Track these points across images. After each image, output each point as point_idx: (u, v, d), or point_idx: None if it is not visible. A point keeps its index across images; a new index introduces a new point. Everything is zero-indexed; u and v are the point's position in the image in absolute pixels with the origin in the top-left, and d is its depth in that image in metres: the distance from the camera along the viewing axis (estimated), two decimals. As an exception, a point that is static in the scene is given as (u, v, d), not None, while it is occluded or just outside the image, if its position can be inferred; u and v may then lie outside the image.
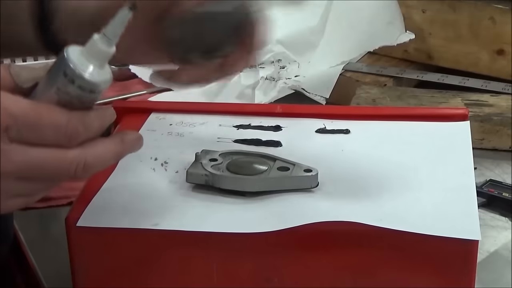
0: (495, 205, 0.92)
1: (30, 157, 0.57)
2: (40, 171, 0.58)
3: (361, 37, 1.24)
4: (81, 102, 0.58)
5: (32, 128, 0.57)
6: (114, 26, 0.58)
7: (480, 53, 1.19)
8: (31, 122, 0.57)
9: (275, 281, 0.69)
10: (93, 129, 0.59)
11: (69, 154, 0.58)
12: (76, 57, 0.57)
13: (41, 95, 0.59)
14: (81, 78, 0.57)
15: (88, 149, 0.59)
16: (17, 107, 0.56)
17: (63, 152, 0.58)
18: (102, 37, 0.58)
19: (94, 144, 0.59)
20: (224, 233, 0.67)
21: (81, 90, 0.58)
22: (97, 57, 0.58)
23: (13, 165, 0.57)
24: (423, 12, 1.22)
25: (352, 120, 0.85)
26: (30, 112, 0.57)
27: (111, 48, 0.58)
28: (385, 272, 0.68)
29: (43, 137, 0.57)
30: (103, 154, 0.60)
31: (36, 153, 0.57)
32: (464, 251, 0.67)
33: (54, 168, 0.58)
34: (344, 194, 0.72)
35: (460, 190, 0.72)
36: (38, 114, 0.57)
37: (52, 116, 0.57)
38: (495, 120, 1.05)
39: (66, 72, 0.57)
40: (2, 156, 0.56)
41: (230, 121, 0.85)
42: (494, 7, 1.16)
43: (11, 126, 0.56)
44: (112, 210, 0.70)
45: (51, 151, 0.58)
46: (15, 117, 0.56)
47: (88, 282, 0.71)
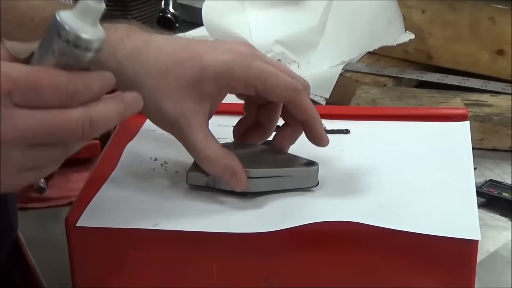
0: (495, 205, 0.92)
1: (36, 120, 0.57)
2: (47, 135, 0.58)
3: (361, 37, 1.24)
4: (78, 62, 0.59)
5: (33, 91, 0.57)
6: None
7: (480, 53, 1.19)
8: (32, 84, 0.57)
9: (275, 281, 0.69)
10: (94, 88, 0.59)
11: (74, 113, 0.58)
12: (68, 18, 0.58)
13: (39, 61, 0.59)
14: (76, 35, 0.58)
15: (92, 108, 0.59)
16: (17, 71, 0.56)
17: (68, 111, 0.58)
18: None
19: (96, 103, 0.59)
20: (224, 233, 0.67)
21: (77, 49, 0.58)
22: (88, 15, 0.59)
23: (18, 131, 0.57)
24: (423, 12, 1.22)
25: (352, 120, 0.85)
26: (30, 75, 0.57)
27: (100, 5, 0.59)
28: (385, 272, 0.68)
29: (45, 99, 0.57)
30: (107, 112, 0.60)
31: (41, 115, 0.57)
32: (464, 251, 0.67)
33: (61, 129, 0.58)
34: (344, 194, 0.72)
35: (460, 190, 0.72)
36: (38, 76, 0.57)
37: (52, 77, 0.57)
38: (495, 120, 1.05)
39: (60, 33, 0.58)
40: (7, 121, 0.56)
41: (230, 121, 0.84)
42: (494, 7, 1.16)
43: (13, 90, 0.56)
44: (112, 210, 0.70)
45: (55, 112, 0.57)
46: (16, 81, 0.56)
47: (88, 282, 0.71)
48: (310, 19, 1.26)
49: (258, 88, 0.71)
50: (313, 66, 1.23)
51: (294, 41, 1.25)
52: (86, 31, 0.58)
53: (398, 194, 0.72)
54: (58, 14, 0.58)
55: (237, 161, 0.71)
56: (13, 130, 0.56)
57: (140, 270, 0.70)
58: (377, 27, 1.22)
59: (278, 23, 1.26)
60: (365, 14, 1.24)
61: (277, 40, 1.24)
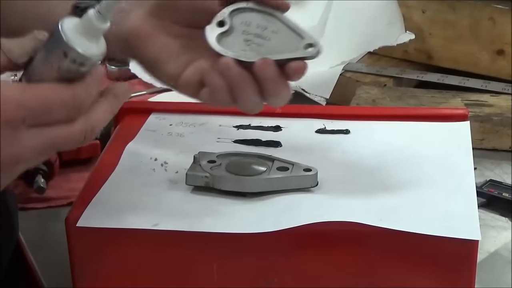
0: (495, 205, 0.92)
1: (45, 139, 0.59)
2: (55, 148, 0.61)
3: (361, 37, 1.23)
4: (79, 73, 0.60)
5: (44, 112, 0.59)
6: (109, 4, 0.59)
7: (480, 53, 1.19)
8: (43, 108, 0.59)
9: (275, 281, 0.69)
10: (94, 94, 0.61)
11: (77, 126, 0.60)
12: (70, 32, 0.58)
13: (41, 72, 0.60)
14: (84, 57, 0.59)
15: (91, 115, 0.61)
16: (28, 97, 0.58)
17: (72, 125, 0.60)
18: (97, 14, 0.59)
19: (94, 109, 0.61)
20: (224, 233, 0.67)
21: (82, 67, 0.59)
22: (91, 33, 0.59)
23: (31, 151, 0.59)
24: (423, 12, 1.22)
25: (352, 120, 0.85)
26: (41, 98, 0.58)
27: (104, 24, 0.59)
28: (385, 272, 0.68)
29: (54, 116, 0.59)
30: (104, 115, 0.62)
31: (49, 133, 0.59)
32: (464, 251, 0.67)
33: (67, 140, 0.60)
34: (344, 194, 0.72)
35: (460, 190, 0.72)
36: (48, 98, 0.59)
37: (59, 96, 0.59)
38: (495, 120, 1.05)
39: (66, 53, 0.58)
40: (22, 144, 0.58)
41: (230, 122, 0.85)
42: (494, 7, 1.16)
43: (27, 117, 0.58)
44: (112, 210, 0.70)
45: (62, 128, 0.60)
46: (29, 108, 0.58)
47: (88, 282, 0.71)
48: (310, 19, 1.26)
49: None
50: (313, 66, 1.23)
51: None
52: (91, 48, 0.59)
53: (398, 194, 0.72)
54: (61, 26, 0.58)
55: None
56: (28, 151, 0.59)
57: (140, 270, 0.70)
58: (377, 27, 1.22)
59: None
60: (365, 14, 1.24)
61: (277, 40, 1.23)
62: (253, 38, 0.69)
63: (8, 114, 0.57)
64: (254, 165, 0.74)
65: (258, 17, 0.69)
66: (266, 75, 0.67)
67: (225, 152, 0.76)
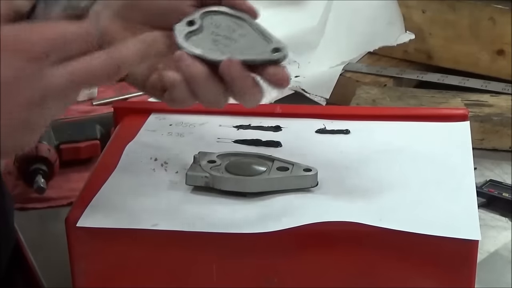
0: (495, 205, 0.92)
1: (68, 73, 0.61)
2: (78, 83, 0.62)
3: (361, 37, 1.23)
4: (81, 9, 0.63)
5: (64, 45, 0.61)
6: None
7: (480, 53, 1.19)
8: (62, 40, 0.60)
9: (275, 281, 0.69)
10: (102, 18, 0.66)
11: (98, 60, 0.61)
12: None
13: (45, 17, 0.62)
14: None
15: (115, 51, 0.63)
16: (48, 32, 0.60)
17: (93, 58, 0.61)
18: None
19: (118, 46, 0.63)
20: (224, 233, 0.67)
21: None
22: None
23: (55, 85, 0.60)
24: (423, 12, 1.22)
25: (352, 120, 0.85)
26: (58, 32, 0.60)
27: None
28: (385, 272, 0.68)
29: (73, 49, 0.61)
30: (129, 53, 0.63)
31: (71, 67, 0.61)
32: (464, 251, 0.67)
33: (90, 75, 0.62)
34: (344, 194, 0.72)
35: (460, 190, 0.72)
36: (63, 32, 0.61)
37: (72, 29, 0.61)
38: (495, 120, 1.05)
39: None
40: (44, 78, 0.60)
41: (230, 122, 0.85)
42: (494, 7, 1.16)
43: (50, 52, 0.60)
44: (112, 210, 0.70)
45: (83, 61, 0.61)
46: (50, 41, 0.60)
47: (88, 282, 0.71)
48: (310, 19, 1.26)
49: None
50: (313, 66, 1.23)
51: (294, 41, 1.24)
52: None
53: (398, 194, 0.72)
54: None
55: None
56: (54, 86, 0.60)
57: (140, 270, 0.70)
58: (377, 27, 1.22)
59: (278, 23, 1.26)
60: (365, 14, 1.24)
61: (277, 40, 1.23)
62: (221, 39, 0.69)
63: (34, 49, 0.59)
64: (254, 165, 0.74)
65: (228, 20, 0.70)
66: (232, 74, 0.67)
67: (225, 152, 0.76)
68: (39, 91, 0.60)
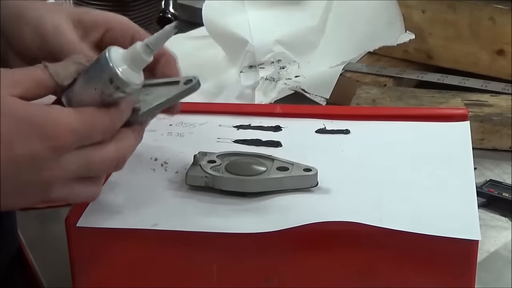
0: (495, 205, 0.92)
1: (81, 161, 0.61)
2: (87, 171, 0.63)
3: (361, 37, 1.23)
4: (118, 98, 0.63)
5: (88, 137, 0.62)
6: (158, 40, 0.63)
7: (480, 53, 1.19)
8: (89, 133, 0.61)
9: (274, 281, 0.69)
10: (124, 119, 0.64)
11: (110, 152, 0.63)
12: (117, 61, 0.62)
13: (82, 95, 0.63)
14: (127, 84, 0.62)
15: (121, 143, 0.64)
16: (79, 124, 0.60)
17: (105, 149, 0.63)
18: (145, 47, 0.62)
19: (123, 137, 0.64)
20: (224, 233, 0.67)
21: (122, 93, 0.62)
22: (135, 63, 0.62)
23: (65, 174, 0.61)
24: (423, 12, 1.22)
25: (352, 120, 0.85)
26: (88, 124, 0.61)
27: (150, 57, 0.63)
28: (385, 272, 0.68)
29: (93, 140, 0.62)
30: (132, 144, 0.66)
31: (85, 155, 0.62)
32: (464, 251, 0.67)
33: (100, 165, 0.63)
34: (344, 194, 0.72)
35: (460, 190, 0.72)
36: (93, 124, 0.61)
37: (102, 121, 0.62)
38: (495, 120, 1.05)
39: (112, 79, 0.62)
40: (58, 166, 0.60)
41: (230, 122, 0.85)
42: (494, 7, 1.16)
43: (75, 142, 0.60)
44: (112, 210, 0.70)
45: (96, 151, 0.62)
46: (79, 134, 0.60)
47: (88, 282, 0.71)
48: (310, 19, 1.26)
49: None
50: (313, 66, 1.23)
51: (294, 41, 1.25)
52: (135, 78, 0.62)
53: (398, 194, 0.72)
54: (109, 53, 0.62)
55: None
56: (63, 174, 0.61)
57: (140, 270, 0.70)
58: (377, 27, 1.22)
59: (278, 23, 1.26)
60: (365, 14, 1.24)
61: (277, 40, 1.23)
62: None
63: (61, 140, 0.59)
64: (254, 165, 0.74)
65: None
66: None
67: (225, 152, 0.76)
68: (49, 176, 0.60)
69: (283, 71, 1.22)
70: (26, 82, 0.62)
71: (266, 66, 1.22)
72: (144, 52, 0.62)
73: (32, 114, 0.59)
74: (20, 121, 0.58)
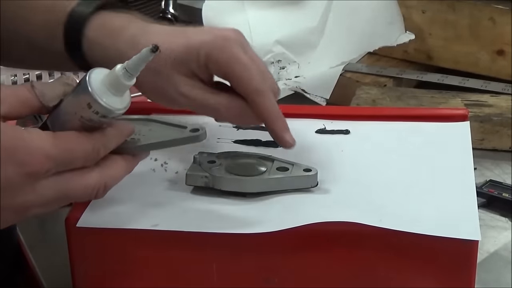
0: (495, 205, 0.92)
1: (59, 188, 0.60)
2: (65, 198, 0.62)
3: (361, 37, 1.24)
4: (101, 123, 0.61)
5: (66, 163, 0.60)
6: (136, 63, 0.60)
7: (480, 53, 1.19)
8: (67, 159, 0.60)
9: (274, 281, 0.69)
10: (111, 147, 0.63)
11: (91, 179, 0.61)
12: (97, 84, 0.60)
13: (65, 118, 0.61)
14: (106, 110, 0.60)
15: (106, 171, 0.62)
16: (54, 148, 0.59)
17: (87, 177, 0.61)
18: (124, 71, 0.60)
19: (110, 164, 0.63)
20: (224, 233, 0.67)
21: (104, 118, 0.61)
22: (116, 87, 0.60)
23: (42, 198, 0.60)
24: (423, 12, 1.22)
25: (352, 120, 0.85)
26: (66, 149, 0.60)
27: (130, 81, 0.61)
28: (385, 272, 0.68)
29: (73, 166, 0.60)
30: (119, 173, 0.64)
31: (64, 182, 0.60)
32: (464, 251, 0.67)
33: (79, 193, 0.62)
34: (344, 194, 0.72)
35: (460, 190, 0.72)
36: (72, 149, 0.60)
37: (82, 147, 0.60)
38: (495, 120, 1.05)
39: (90, 104, 0.60)
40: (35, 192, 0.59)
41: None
42: (494, 7, 1.16)
43: (51, 168, 0.59)
44: (112, 210, 0.70)
45: (76, 179, 0.61)
46: (55, 160, 0.59)
47: (88, 282, 0.71)
48: (310, 19, 1.26)
49: (224, 72, 0.71)
50: (313, 66, 1.23)
51: (294, 41, 1.25)
52: (115, 102, 0.60)
53: (398, 194, 0.72)
54: (89, 77, 0.60)
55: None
56: (40, 200, 0.60)
57: (140, 270, 0.70)
58: (377, 27, 1.22)
59: (278, 23, 1.26)
60: (365, 14, 1.24)
61: (277, 40, 1.24)
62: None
63: (35, 166, 0.58)
64: (254, 165, 0.74)
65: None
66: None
67: (225, 152, 0.76)
68: (24, 201, 0.59)
69: (283, 72, 1.22)
70: (11, 101, 0.61)
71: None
72: (123, 76, 0.60)
73: (6, 138, 0.57)
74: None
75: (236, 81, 0.71)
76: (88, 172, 0.61)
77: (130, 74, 0.60)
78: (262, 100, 0.71)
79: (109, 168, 0.63)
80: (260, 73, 0.72)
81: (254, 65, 0.72)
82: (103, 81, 0.60)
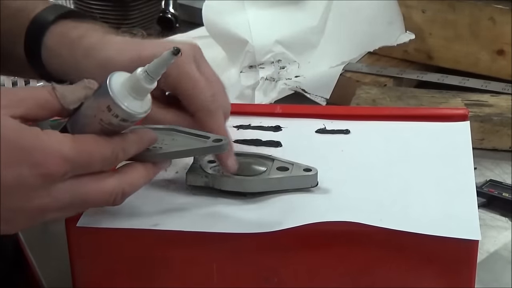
0: (495, 205, 0.92)
1: (75, 192, 0.60)
2: (82, 203, 0.61)
3: (361, 37, 1.24)
4: (121, 127, 0.61)
5: (84, 166, 0.59)
6: (157, 66, 0.60)
7: (480, 53, 1.19)
8: (85, 162, 0.59)
9: (274, 281, 0.69)
10: (131, 153, 0.62)
11: (109, 185, 0.61)
12: (117, 87, 0.60)
13: (85, 121, 0.61)
14: (127, 114, 0.60)
15: (125, 177, 0.62)
16: (72, 151, 0.58)
17: (104, 182, 0.60)
18: (145, 74, 0.60)
19: (129, 171, 0.63)
20: (224, 233, 0.67)
21: (124, 122, 0.60)
22: (137, 90, 0.60)
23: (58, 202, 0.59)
24: (423, 12, 1.22)
25: (352, 120, 0.85)
26: (84, 152, 0.59)
27: (151, 85, 0.61)
28: (385, 272, 0.68)
29: (91, 169, 0.60)
30: (138, 181, 0.63)
31: (81, 186, 0.60)
32: (464, 251, 0.67)
33: (96, 198, 0.61)
34: (344, 194, 0.72)
35: (460, 190, 0.72)
36: (90, 152, 0.59)
37: (100, 150, 0.60)
38: (495, 120, 1.05)
39: (110, 107, 0.60)
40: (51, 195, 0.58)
41: (230, 122, 0.84)
42: (494, 7, 1.16)
43: (68, 171, 0.58)
44: (112, 210, 0.70)
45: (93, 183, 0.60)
46: (73, 163, 0.58)
47: (88, 282, 0.71)
48: (310, 19, 1.26)
49: (173, 88, 0.71)
50: (313, 66, 1.23)
51: (294, 41, 1.25)
52: (135, 106, 0.60)
53: (398, 194, 0.72)
54: (109, 85, 0.59)
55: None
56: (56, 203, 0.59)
57: (140, 270, 0.70)
58: (377, 27, 1.22)
59: (278, 23, 1.26)
60: (365, 14, 1.24)
61: (277, 40, 1.24)
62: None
63: (51, 168, 0.57)
64: (254, 165, 0.74)
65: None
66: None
67: None
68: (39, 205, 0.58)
69: (283, 71, 1.22)
70: (29, 103, 0.60)
71: (266, 66, 1.22)
72: (145, 80, 0.60)
73: (23, 139, 0.57)
74: (9, 145, 0.56)
75: (184, 98, 0.71)
76: (106, 177, 0.61)
77: (151, 77, 0.60)
78: (208, 119, 0.71)
79: (128, 175, 0.62)
80: (210, 91, 0.71)
81: (206, 82, 0.71)
82: (124, 84, 0.60)
